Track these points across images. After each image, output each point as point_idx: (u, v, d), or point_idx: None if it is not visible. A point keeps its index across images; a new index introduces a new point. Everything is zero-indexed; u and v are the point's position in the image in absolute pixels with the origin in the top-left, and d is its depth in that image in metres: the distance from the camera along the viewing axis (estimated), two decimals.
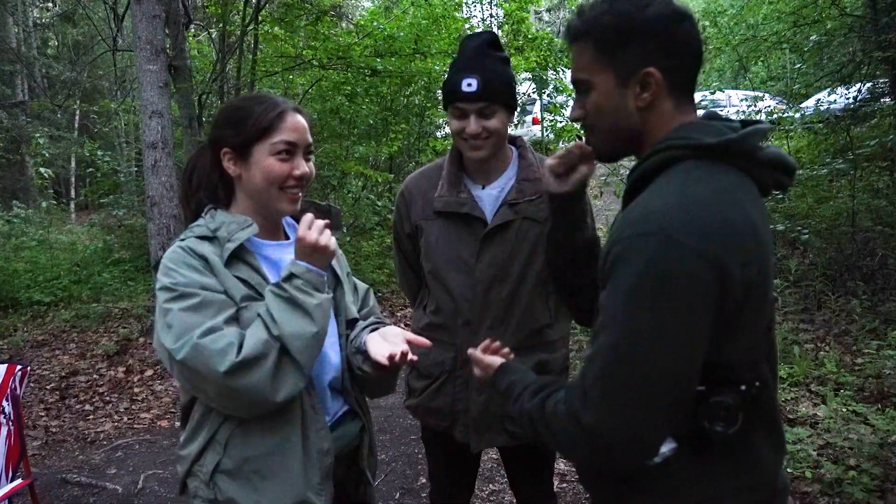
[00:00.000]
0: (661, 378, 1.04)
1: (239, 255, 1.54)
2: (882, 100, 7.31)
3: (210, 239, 1.53)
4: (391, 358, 1.50)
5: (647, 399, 1.05)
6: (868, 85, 7.36)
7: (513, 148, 2.11)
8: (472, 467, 2.29)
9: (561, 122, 10.18)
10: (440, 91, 9.45)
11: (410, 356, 1.54)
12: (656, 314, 1.02)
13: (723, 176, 1.12)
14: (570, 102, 10.36)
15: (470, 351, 1.54)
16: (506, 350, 1.53)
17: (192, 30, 9.23)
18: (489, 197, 2.02)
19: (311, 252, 1.51)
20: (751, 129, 1.15)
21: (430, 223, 2.05)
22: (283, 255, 1.66)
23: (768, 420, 1.18)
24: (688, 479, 1.14)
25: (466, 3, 11.05)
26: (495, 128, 1.93)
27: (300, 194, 1.61)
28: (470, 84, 1.89)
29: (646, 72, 1.17)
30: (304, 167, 1.58)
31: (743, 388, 1.09)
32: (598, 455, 1.12)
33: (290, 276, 1.49)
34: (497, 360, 1.46)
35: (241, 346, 1.40)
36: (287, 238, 1.72)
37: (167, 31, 6.50)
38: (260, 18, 8.16)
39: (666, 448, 1.11)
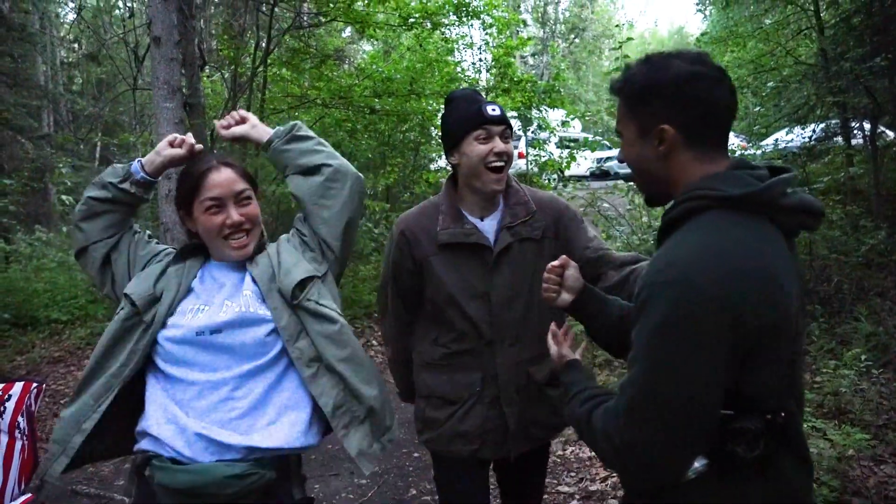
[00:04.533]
0: (682, 406, 1.08)
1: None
2: (834, 139, 7.43)
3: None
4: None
5: (670, 425, 1.09)
6: (821, 126, 7.48)
7: None
8: (486, 488, 2.12)
9: (544, 156, 10.21)
10: (434, 129, 9.60)
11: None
12: (677, 351, 1.08)
13: (744, 225, 1.13)
14: (552, 138, 10.46)
15: (553, 327, 1.59)
16: (575, 342, 1.59)
17: (207, 71, 9.26)
18: (489, 226, 2.00)
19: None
20: (774, 180, 1.15)
21: (436, 257, 1.99)
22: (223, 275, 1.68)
23: (796, 447, 1.19)
24: (718, 494, 1.14)
25: (458, 49, 11.14)
26: (512, 152, 1.96)
27: (244, 238, 1.62)
28: (494, 109, 1.92)
29: (660, 128, 1.20)
30: (234, 216, 1.59)
31: (769, 416, 1.11)
32: (628, 473, 1.20)
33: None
34: (570, 354, 1.51)
35: None
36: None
37: (183, 72, 6.49)
38: (269, 61, 8.22)
39: (699, 464, 1.13)
